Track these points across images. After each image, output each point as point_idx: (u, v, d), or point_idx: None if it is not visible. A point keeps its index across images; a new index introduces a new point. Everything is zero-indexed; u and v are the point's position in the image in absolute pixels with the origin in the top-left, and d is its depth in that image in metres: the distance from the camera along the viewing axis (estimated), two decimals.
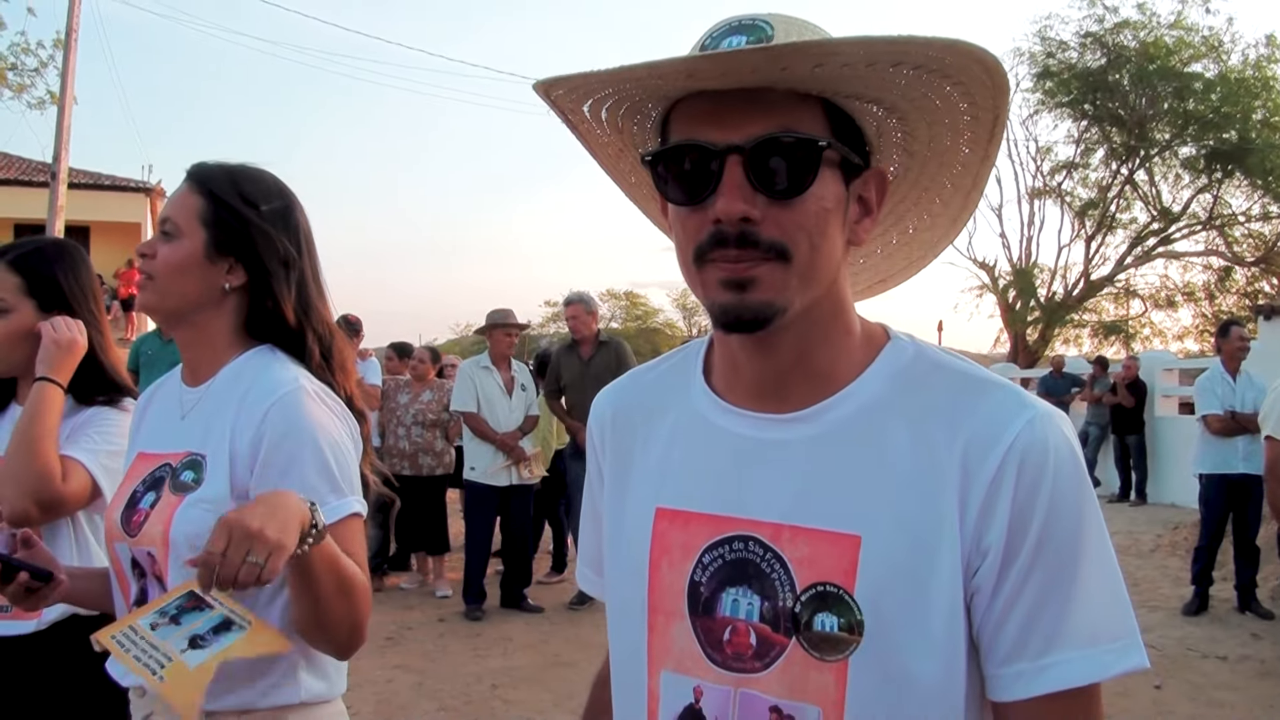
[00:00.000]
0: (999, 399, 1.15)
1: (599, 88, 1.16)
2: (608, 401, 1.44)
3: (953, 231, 1.34)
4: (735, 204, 1.09)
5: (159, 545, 1.83)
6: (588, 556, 1.50)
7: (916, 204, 1.32)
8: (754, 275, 1.11)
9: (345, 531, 1.84)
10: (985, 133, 1.18)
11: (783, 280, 1.11)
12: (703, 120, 1.12)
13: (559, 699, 6.31)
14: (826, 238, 1.14)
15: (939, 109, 1.16)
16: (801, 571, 1.14)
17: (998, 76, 1.08)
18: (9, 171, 30.97)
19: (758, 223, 1.10)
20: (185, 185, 1.99)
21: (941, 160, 1.24)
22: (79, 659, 2.45)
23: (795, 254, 1.11)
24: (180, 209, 1.96)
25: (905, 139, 1.23)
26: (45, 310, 2.56)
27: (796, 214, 1.11)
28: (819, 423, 1.19)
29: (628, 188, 1.38)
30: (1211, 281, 32.72)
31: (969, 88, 1.11)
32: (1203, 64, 29.71)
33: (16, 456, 2.36)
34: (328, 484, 1.84)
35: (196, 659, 1.62)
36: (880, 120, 1.20)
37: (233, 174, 1.99)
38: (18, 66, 20.75)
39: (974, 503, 1.10)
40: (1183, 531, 11.68)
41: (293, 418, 1.85)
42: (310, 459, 1.83)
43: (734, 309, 1.12)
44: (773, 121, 1.10)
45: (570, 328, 8.80)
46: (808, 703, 1.13)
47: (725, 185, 1.10)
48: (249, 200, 1.97)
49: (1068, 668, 1.10)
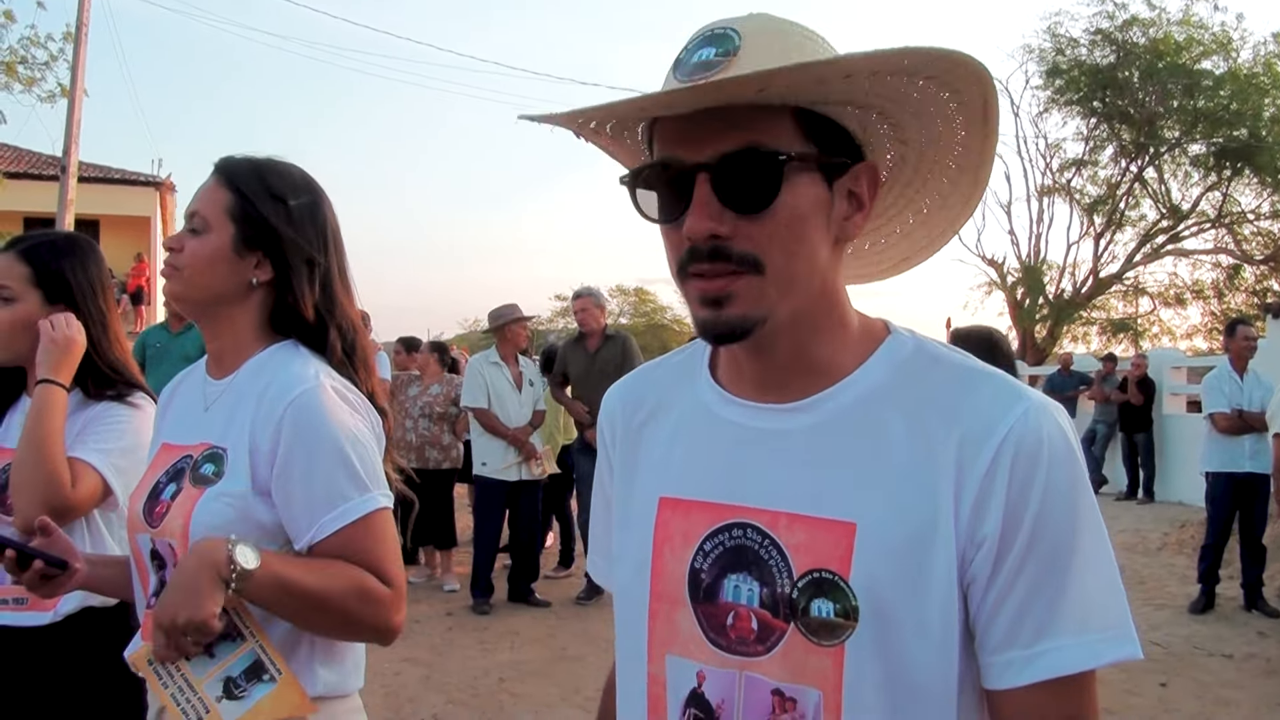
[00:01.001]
0: (994, 391, 1.17)
1: (582, 120, 1.21)
2: (617, 396, 1.47)
3: (968, 208, 1.35)
4: (702, 222, 1.12)
5: (179, 538, 1.84)
6: (599, 546, 1.53)
7: (925, 186, 1.34)
8: (730, 291, 1.14)
9: (369, 527, 1.84)
10: (978, 115, 1.20)
11: (759, 292, 1.14)
12: (675, 138, 1.15)
13: (566, 693, 6.33)
14: (804, 243, 1.16)
15: (918, 100, 1.18)
16: (798, 558, 1.17)
17: (968, 65, 1.11)
18: (19, 165, 30.97)
19: (728, 238, 1.12)
20: (213, 179, 1.98)
21: (939, 145, 1.26)
22: (94, 651, 2.48)
23: (769, 265, 1.13)
24: (208, 203, 1.96)
25: (893, 129, 1.26)
26: (51, 302, 2.58)
27: (767, 226, 1.13)
28: (817, 412, 1.22)
29: None
30: (1220, 279, 32.67)
31: (943, 79, 1.14)
32: (1212, 61, 29.63)
33: (25, 465, 2.38)
34: (350, 480, 1.84)
35: (231, 714, 1.67)
36: (862, 117, 1.22)
37: (260, 169, 1.99)
38: (27, 60, 20.75)
39: (969, 494, 1.12)
40: (1190, 530, 11.67)
41: (310, 417, 1.84)
42: (330, 457, 1.83)
43: (711, 324, 1.16)
44: (739, 138, 1.11)
45: (578, 320, 8.82)
46: (808, 685, 1.15)
47: (695, 204, 1.12)
48: (276, 195, 1.96)
49: (1059, 655, 1.12)
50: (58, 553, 1.99)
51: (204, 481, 1.87)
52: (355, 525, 1.82)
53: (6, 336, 2.56)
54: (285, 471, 1.83)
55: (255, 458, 1.85)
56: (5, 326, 2.56)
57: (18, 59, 20.67)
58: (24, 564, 1.96)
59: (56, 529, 2.02)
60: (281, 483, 1.83)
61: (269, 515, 1.85)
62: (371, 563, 1.84)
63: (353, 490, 1.84)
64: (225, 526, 1.78)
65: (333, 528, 1.81)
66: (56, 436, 2.42)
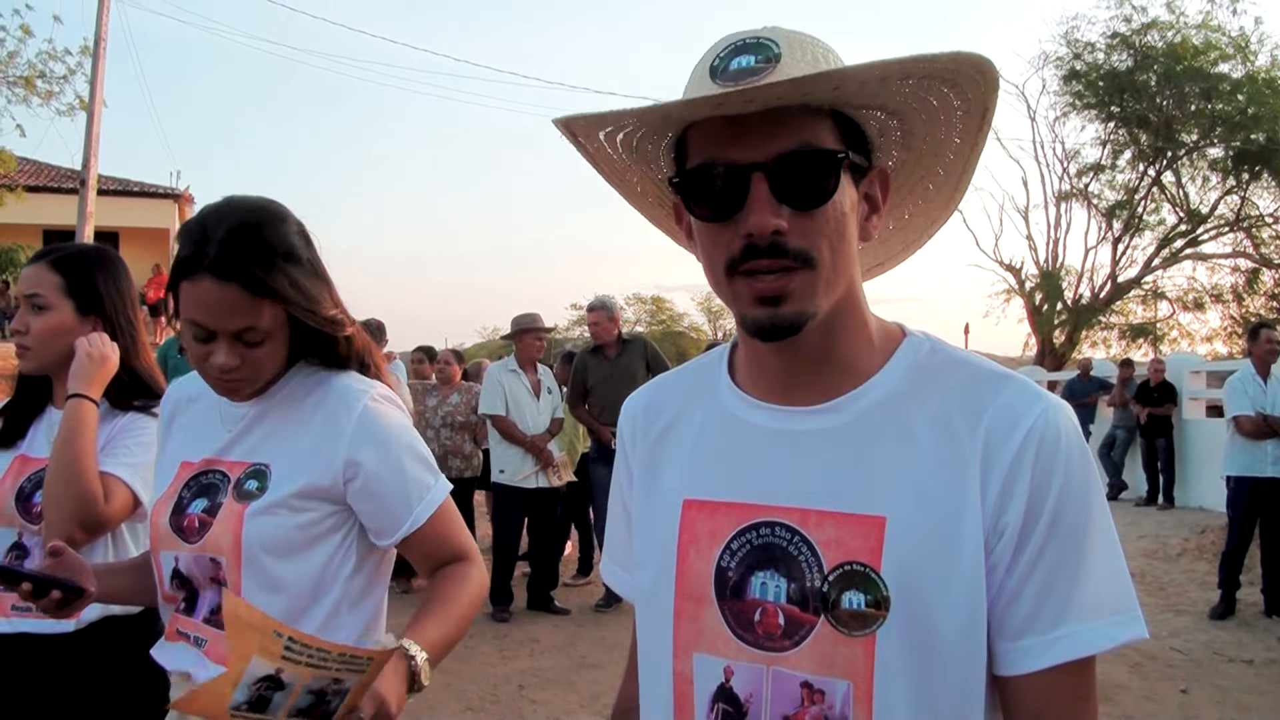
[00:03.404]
0: (1016, 389, 1.23)
1: (625, 122, 1.23)
2: (639, 401, 1.51)
3: (945, 214, 1.42)
4: (767, 219, 1.15)
5: (229, 553, 1.89)
6: (616, 554, 1.56)
7: (911, 191, 1.40)
8: (787, 289, 1.18)
9: (446, 507, 2.04)
10: (975, 123, 1.26)
11: (812, 288, 1.18)
12: (724, 141, 1.18)
13: (585, 700, 6.35)
14: (846, 240, 1.22)
15: (935, 107, 1.23)
16: (829, 553, 1.20)
17: (990, 75, 1.16)
18: (39, 178, 31.25)
19: (785, 234, 1.16)
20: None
21: (936, 151, 1.32)
22: (116, 657, 2.50)
23: (819, 260, 1.18)
24: (226, 305, 1.88)
25: (904, 136, 1.30)
26: (83, 313, 2.61)
27: (818, 222, 1.18)
28: (845, 413, 1.26)
29: (634, 198, 1.44)
30: (1239, 283, 32.49)
31: (964, 87, 1.19)
32: (1230, 65, 29.52)
33: (58, 483, 2.40)
34: (428, 471, 2.03)
35: None
36: (882, 122, 1.27)
37: (243, 240, 1.86)
38: (46, 74, 20.91)
39: (994, 483, 1.18)
40: (1210, 535, 11.61)
41: (380, 432, 1.97)
42: (410, 461, 2.00)
43: (768, 321, 1.19)
44: (792, 138, 1.16)
45: (592, 334, 8.88)
46: (837, 677, 1.18)
47: (754, 201, 1.16)
48: (271, 261, 1.88)
49: (1075, 639, 1.17)
50: (69, 574, 2.00)
51: (249, 497, 1.92)
52: (440, 509, 2.02)
53: (39, 345, 2.58)
54: (375, 486, 1.96)
55: (309, 469, 1.94)
56: (39, 335, 2.58)
57: (36, 73, 20.84)
58: (42, 592, 1.97)
59: (67, 550, 2.03)
60: (371, 495, 1.96)
61: (324, 519, 1.95)
62: (453, 540, 2.05)
63: (430, 478, 2.03)
64: (281, 538, 1.90)
65: (425, 516, 1.99)
66: (89, 452, 2.44)
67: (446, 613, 1.95)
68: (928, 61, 1.11)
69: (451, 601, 1.97)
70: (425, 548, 2.02)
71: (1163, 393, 15.39)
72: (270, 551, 1.90)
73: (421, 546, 2.02)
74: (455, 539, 2.05)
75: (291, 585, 1.93)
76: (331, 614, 1.96)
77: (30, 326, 2.58)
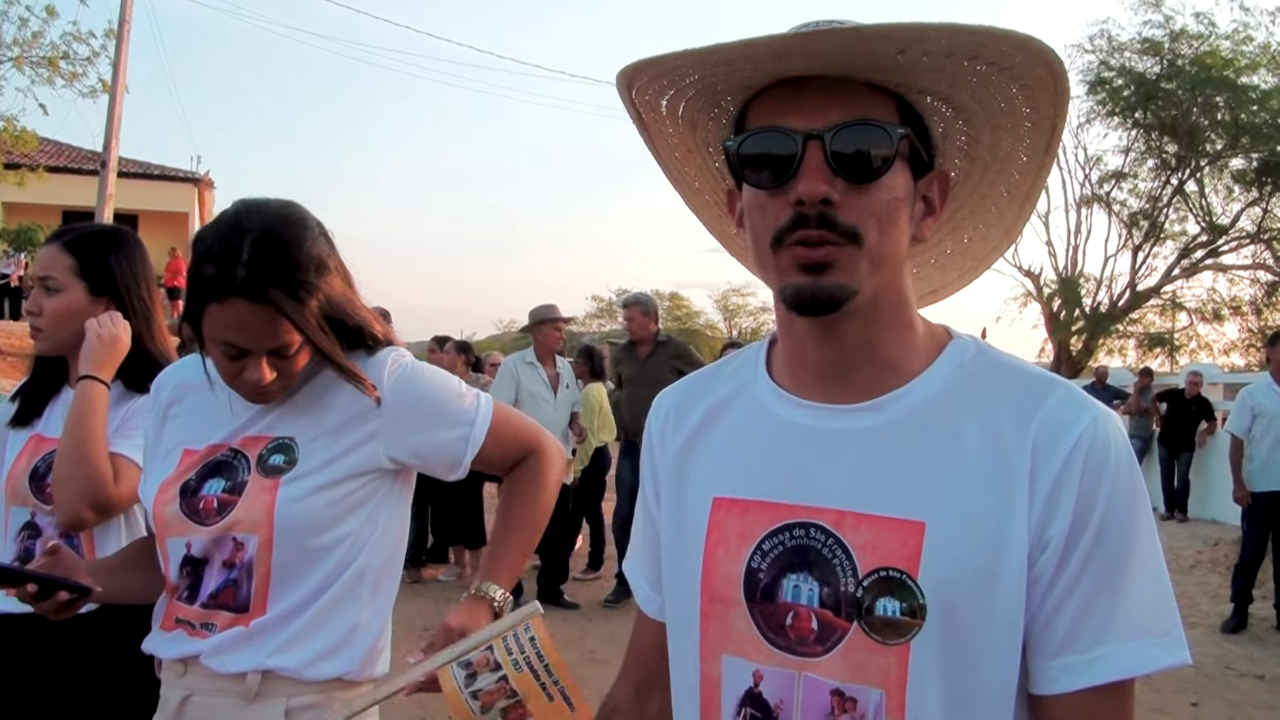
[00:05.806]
0: (1064, 396, 1.19)
1: (685, 73, 1.21)
2: (671, 398, 1.47)
3: (1005, 243, 1.39)
4: (818, 185, 1.13)
5: (260, 529, 1.88)
6: (646, 574, 1.51)
7: (973, 212, 1.36)
8: (831, 260, 1.15)
9: (499, 413, 2.09)
10: (1043, 140, 1.23)
11: (855, 263, 1.15)
12: (783, 109, 1.17)
13: (593, 695, 6.26)
14: (895, 225, 1.18)
15: (1003, 111, 1.21)
16: (864, 557, 1.17)
17: (1061, 82, 1.14)
18: (60, 159, 31.38)
19: (836, 206, 1.14)
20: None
21: (1001, 166, 1.29)
22: (112, 644, 2.47)
23: (867, 238, 1.15)
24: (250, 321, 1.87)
25: (968, 142, 1.28)
26: (95, 294, 2.60)
27: (869, 199, 1.15)
28: (887, 412, 1.23)
29: (689, 194, 1.42)
30: (1259, 295, 32.31)
31: (1034, 91, 1.16)
32: (1259, 75, 29.31)
33: (68, 462, 2.39)
34: (462, 396, 2.06)
35: None
36: (948, 122, 1.25)
37: (268, 259, 1.83)
38: (69, 55, 20.97)
39: (1041, 493, 1.14)
40: (1223, 548, 11.56)
41: (412, 389, 2.00)
42: (446, 398, 2.04)
43: (809, 290, 1.16)
44: (851, 110, 1.15)
45: (627, 329, 8.90)
46: (869, 685, 1.15)
47: (807, 168, 1.14)
48: (305, 276, 1.86)
49: (1115, 660, 1.13)
50: (65, 572, 1.99)
51: (276, 471, 1.91)
52: (491, 425, 2.06)
53: (51, 326, 2.59)
54: (418, 423, 2.00)
55: (348, 432, 1.96)
56: (51, 316, 2.58)
57: (60, 54, 20.90)
58: (47, 593, 1.95)
59: (63, 548, 2.02)
60: (419, 438, 2.00)
61: (359, 489, 1.96)
62: (516, 442, 2.13)
63: (469, 402, 2.06)
64: (318, 509, 1.90)
65: (483, 432, 2.04)
66: (99, 433, 2.43)
67: (518, 539, 2.11)
68: (998, 37, 1.08)
69: (520, 525, 2.11)
70: (492, 460, 2.08)
71: (1200, 405, 15.28)
72: (306, 525, 1.88)
73: (488, 460, 2.07)
74: (517, 441, 2.12)
75: (320, 560, 1.91)
76: (354, 582, 1.95)
77: (43, 308, 2.58)
